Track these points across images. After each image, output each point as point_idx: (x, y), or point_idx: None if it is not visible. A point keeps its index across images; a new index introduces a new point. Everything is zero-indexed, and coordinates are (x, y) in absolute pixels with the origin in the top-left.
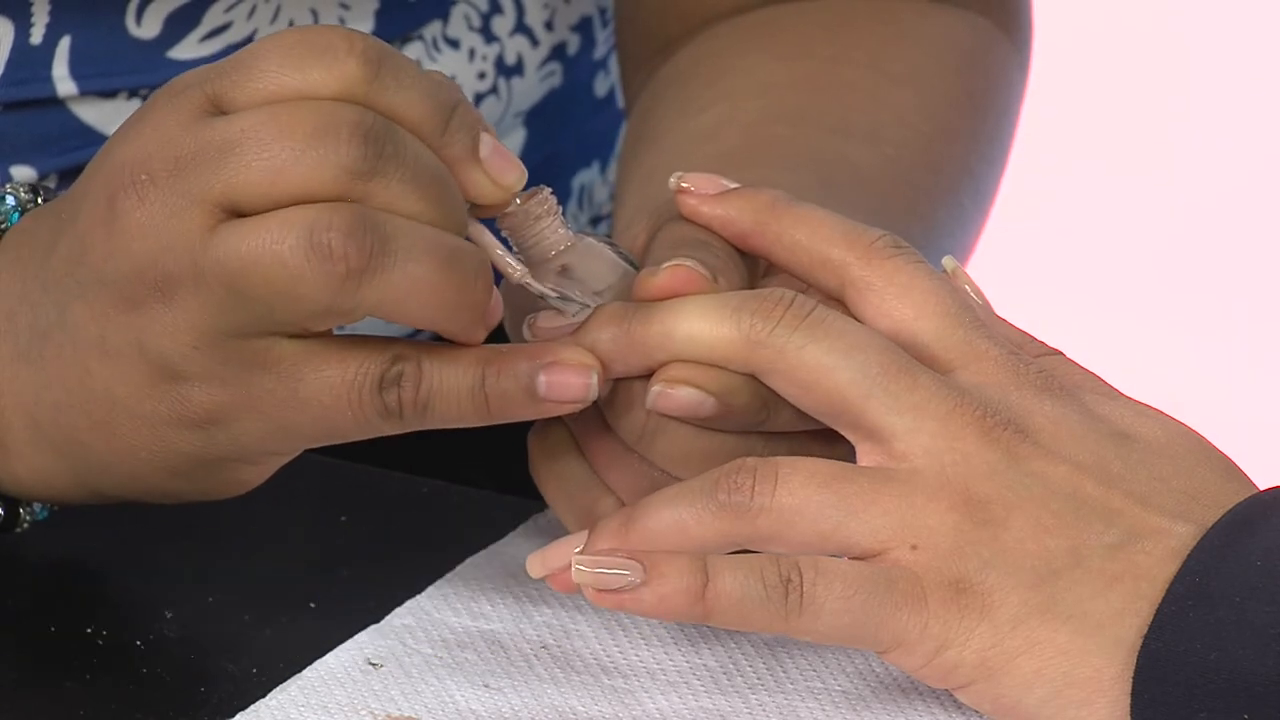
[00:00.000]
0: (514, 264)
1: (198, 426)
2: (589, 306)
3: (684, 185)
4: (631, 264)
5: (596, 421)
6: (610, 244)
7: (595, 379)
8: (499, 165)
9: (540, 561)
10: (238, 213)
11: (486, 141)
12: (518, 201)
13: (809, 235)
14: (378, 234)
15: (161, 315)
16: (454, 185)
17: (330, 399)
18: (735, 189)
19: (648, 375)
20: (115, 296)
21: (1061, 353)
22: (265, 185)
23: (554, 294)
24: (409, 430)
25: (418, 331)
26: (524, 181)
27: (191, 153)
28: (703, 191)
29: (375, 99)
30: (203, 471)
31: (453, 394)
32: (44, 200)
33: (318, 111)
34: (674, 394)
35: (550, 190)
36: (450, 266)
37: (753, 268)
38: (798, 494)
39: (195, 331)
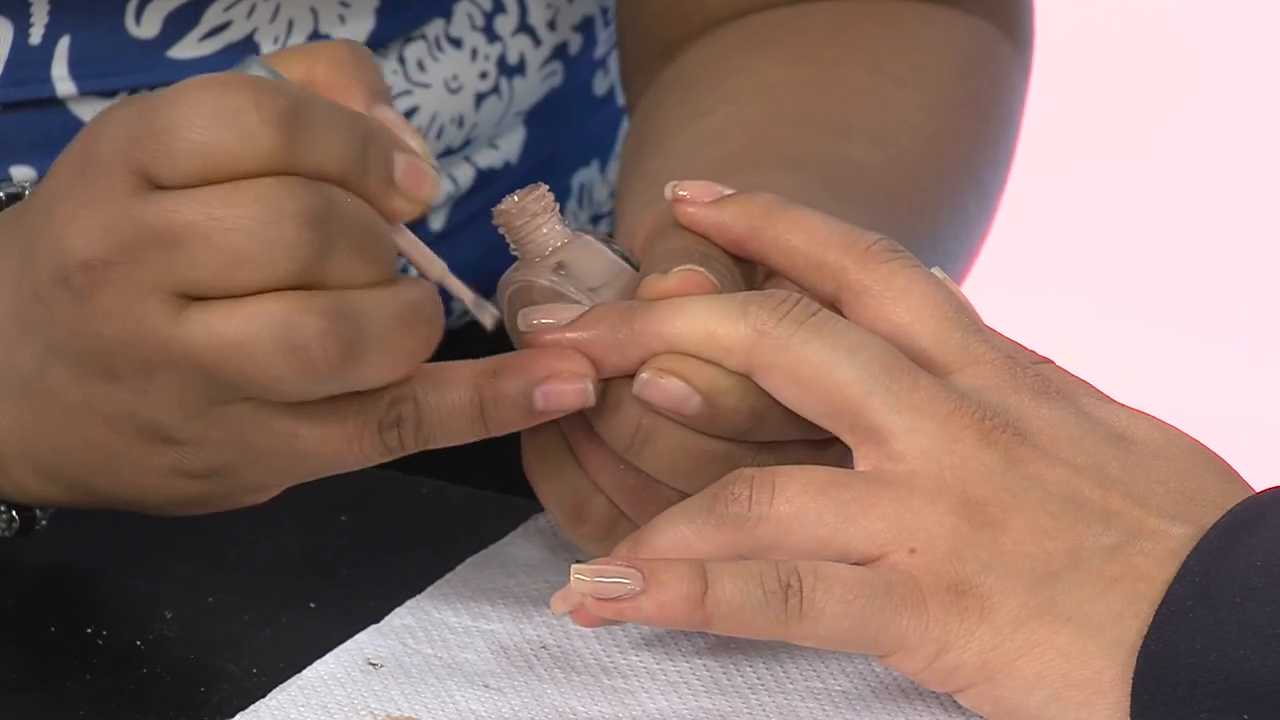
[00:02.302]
0: (432, 261)
1: (202, 478)
2: (585, 303)
3: (680, 193)
4: (630, 262)
5: (588, 425)
6: (608, 242)
7: (590, 385)
8: (413, 183)
9: (562, 599)
10: (199, 297)
11: (399, 163)
12: (514, 198)
13: (805, 239)
14: (351, 324)
15: (145, 389)
16: (384, 228)
17: (332, 450)
18: (730, 195)
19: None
20: (95, 368)
21: (1051, 361)
22: (218, 280)
23: (469, 297)
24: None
25: None
26: (439, 188)
27: (136, 240)
28: (699, 198)
29: (299, 164)
30: (210, 502)
31: (452, 421)
32: (5, 197)
33: (254, 200)
34: (661, 383)
35: (547, 187)
36: (417, 323)
37: (752, 276)
38: (795, 501)
39: (183, 404)
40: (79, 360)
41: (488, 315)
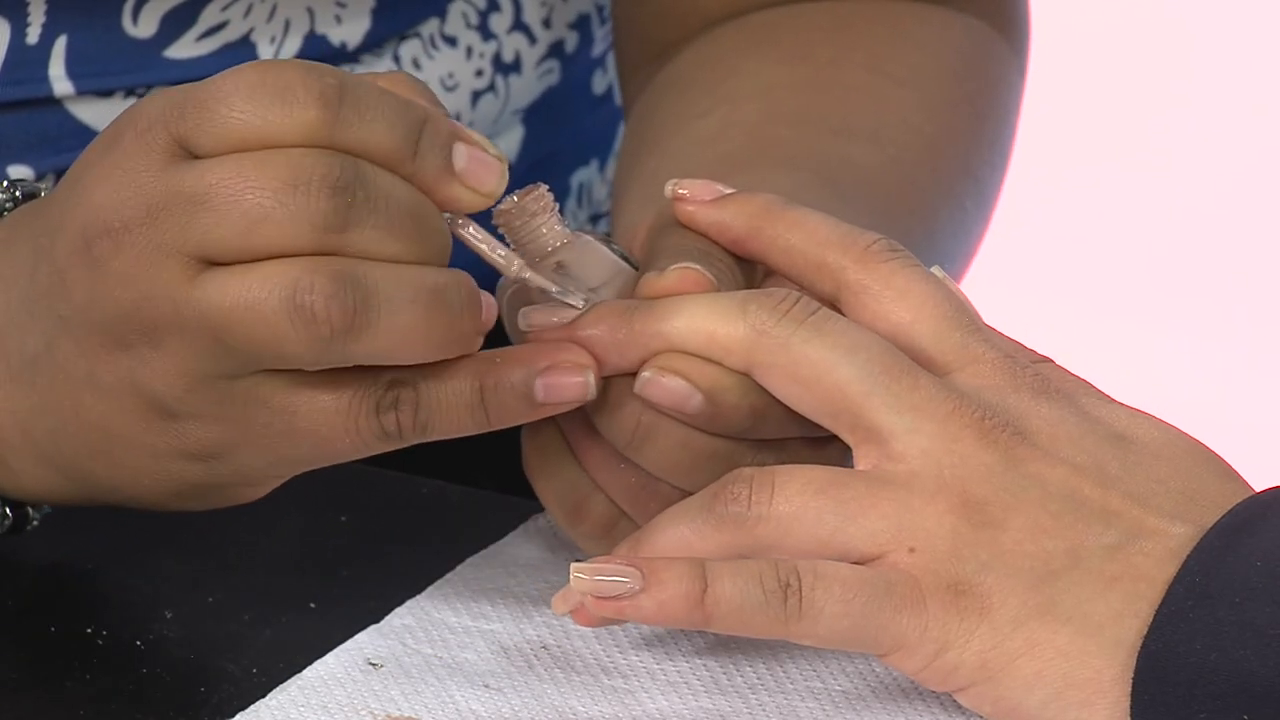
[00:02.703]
0: (509, 259)
1: (198, 459)
2: (584, 303)
3: (680, 192)
4: (629, 262)
5: (587, 424)
6: (607, 242)
7: (591, 378)
8: (477, 174)
9: (562, 599)
10: (216, 262)
11: (461, 152)
12: (514, 199)
13: (804, 239)
14: (359, 290)
15: (151, 358)
16: (431, 213)
17: (328, 429)
18: (730, 194)
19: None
20: (102, 337)
21: (1051, 360)
22: (239, 240)
23: (554, 287)
24: (409, 445)
25: None
26: (506, 180)
27: (163, 202)
28: (698, 197)
29: (340, 139)
30: (206, 493)
31: (451, 410)
32: (21, 195)
33: (285, 164)
34: (663, 381)
35: (547, 187)
36: (436, 308)
37: (751, 274)
38: (794, 501)
39: (186, 374)
40: (88, 331)
41: (575, 299)
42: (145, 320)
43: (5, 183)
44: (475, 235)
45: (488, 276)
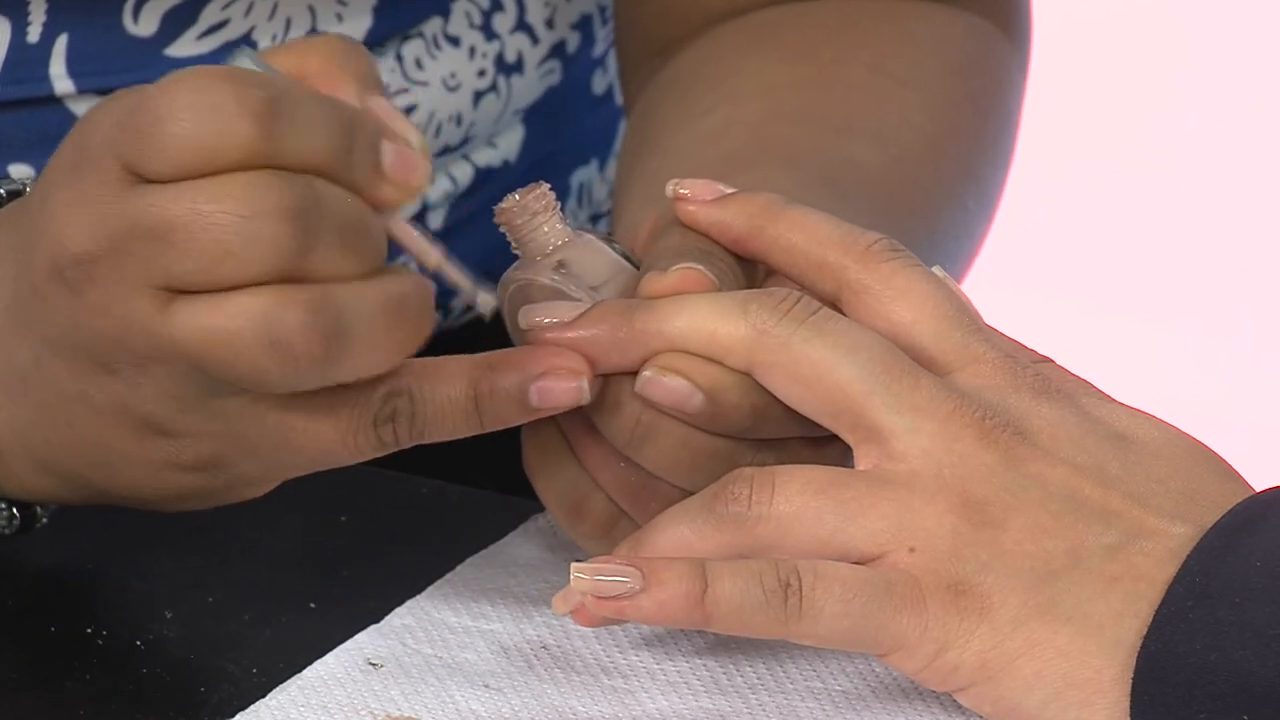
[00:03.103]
0: (428, 252)
1: (196, 470)
2: (585, 301)
3: (681, 191)
4: (630, 261)
5: (587, 423)
6: (609, 241)
7: (586, 383)
8: (403, 172)
9: (563, 599)
10: (185, 291)
11: (388, 151)
12: (516, 197)
13: (805, 238)
14: (331, 315)
15: (140, 382)
16: (372, 219)
17: (325, 443)
18: (731, 193)
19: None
20: (90, 361)
21: (1051, 360)
22: (204, 275)
23: (467, 284)
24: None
25: None
26: (429, 174)
27: (125, 233)
28: (700, 197)
29: (279, 157)
30: (207, 496)
31: (447, 416)
32: (6, 195)
33: (240, 195)
34: (664, 381)
35: (549, 186)
36: (400, 317)
37: (753, 274)
38: (795, 501)
39: (177, 397)
40: (74, 353)
41: (486, 301)
42: (127, 349)
43: None
44: (402, 229)
45: (488, 277)
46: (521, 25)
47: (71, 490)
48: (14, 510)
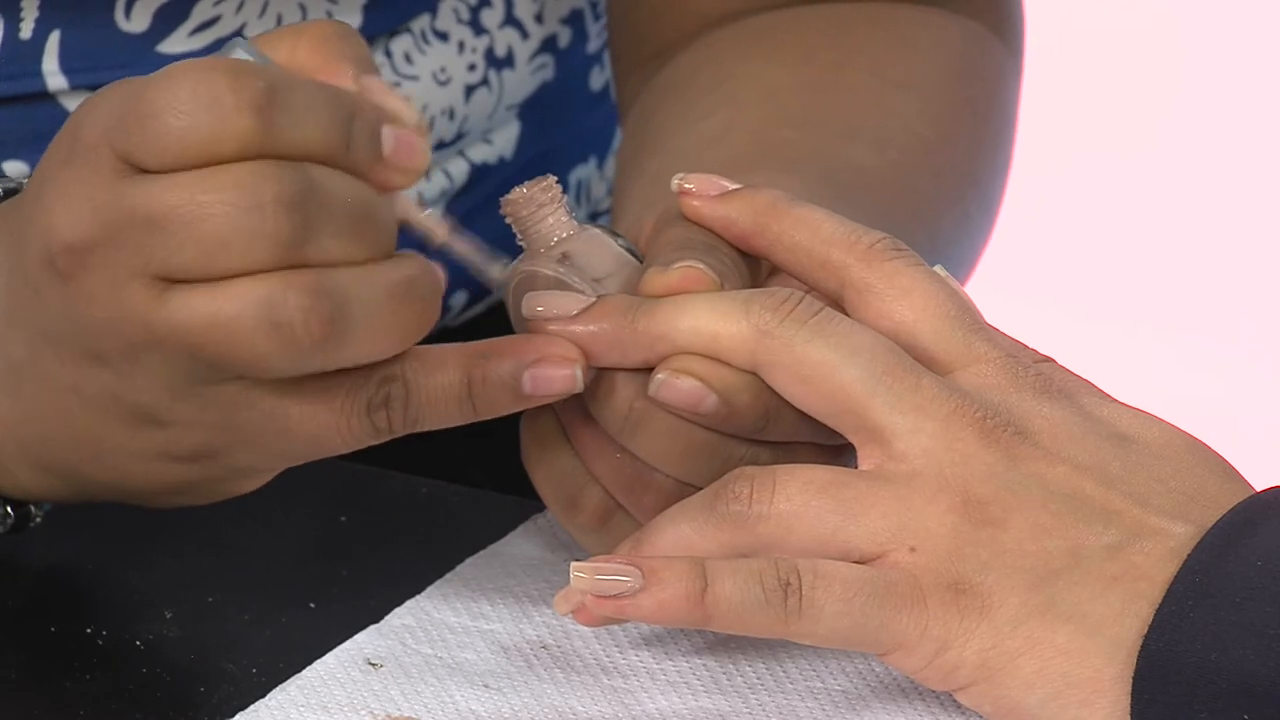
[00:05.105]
0: (439, 226)
1: (190, 460)
2: (588, 293)
3: (686, 186)
4: (635, 255)
5: (583, 412)
6: (614, 234)
7: (579, 371)
8: (405, 156)
9: (564, 599)
10: (181, 280)
11: (388, 136)
12: (523, 189)
13: (809, 237)
14: (333, 299)
15: (132, 372)
16: (378, 203)
17: (319, 429)
18: (735, 190)
19: (633, 369)
20: (82, 352)
21: (1053, 360)
22: (201, 265)
23: (477, 256)
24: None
25: None
26: (429, 156)
27: (121, 221)
28: (704, 193)
29: (277, 146)
30: (202, 488)
31: (440, 403)
32: (3, 193)
33: (235, 186)
34: (678, 384)
35: (556, 179)
36: (406, 302)
37: (756, 271)
38: (795, 500)
39: (169, 386)
40: (67, 343)
41: (496, 269)
42: (120, 338)
43: None
44: (407, 206)
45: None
46: (510, 20)
47: (66, 486)
48: (8, 509)
